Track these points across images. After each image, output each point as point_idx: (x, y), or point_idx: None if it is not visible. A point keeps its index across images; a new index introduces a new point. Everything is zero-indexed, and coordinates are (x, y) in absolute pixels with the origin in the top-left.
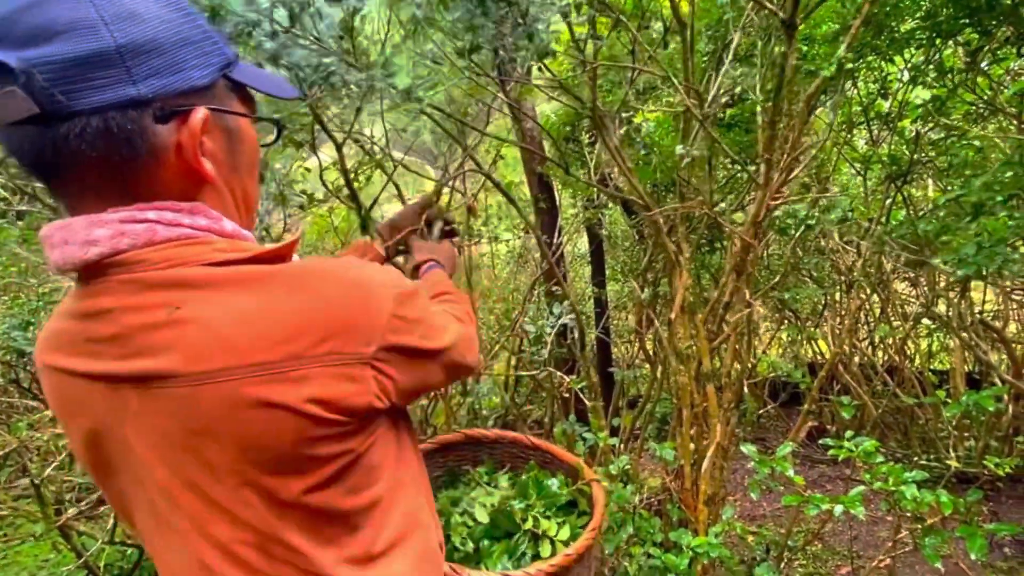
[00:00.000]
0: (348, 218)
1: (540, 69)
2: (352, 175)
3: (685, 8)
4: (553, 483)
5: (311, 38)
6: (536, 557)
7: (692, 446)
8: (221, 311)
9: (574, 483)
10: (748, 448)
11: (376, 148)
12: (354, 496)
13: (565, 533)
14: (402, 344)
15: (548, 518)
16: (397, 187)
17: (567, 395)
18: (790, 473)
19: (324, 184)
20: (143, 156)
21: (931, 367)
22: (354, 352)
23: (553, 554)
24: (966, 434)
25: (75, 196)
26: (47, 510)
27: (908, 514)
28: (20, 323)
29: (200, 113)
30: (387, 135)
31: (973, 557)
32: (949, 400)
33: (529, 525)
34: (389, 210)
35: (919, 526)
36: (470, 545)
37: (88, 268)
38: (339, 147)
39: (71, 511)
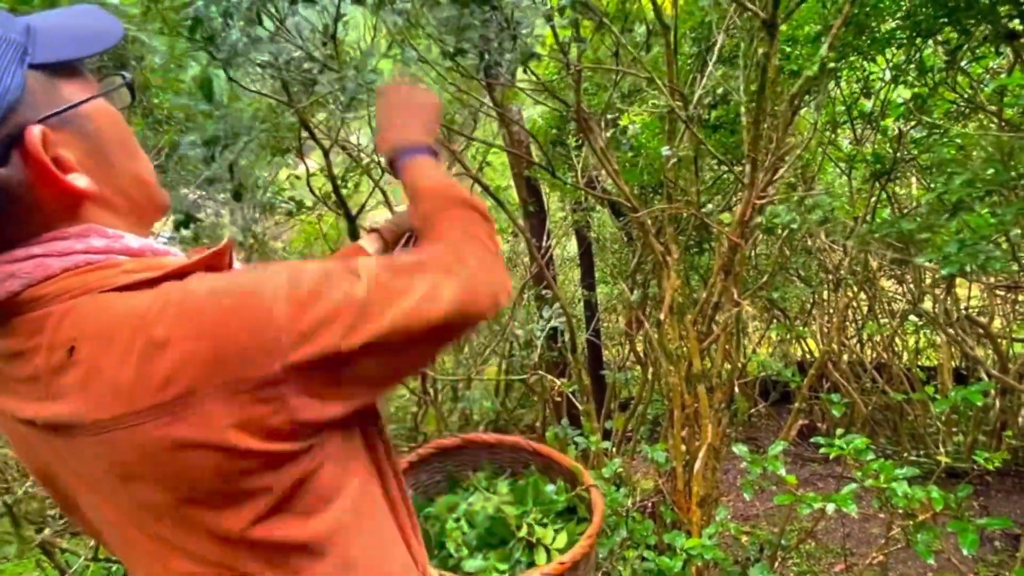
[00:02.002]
0: (336, 225)
1: (525, 72)
2: (340, 182)
3: (669, 11)
4: (551, 489)
5: (296, 44)
6: (531, 565)
7: (684, 447)
8: (110, 351)
9: (573, 488)
10: (740, 448)
11: (363, 155)
12: (309, 522)
13: (562, 540)
14: (316, 355)
15: (545, 525)
16: (384, 194)
17: (559, 399)
18: (782, 472)
19: (312, 191)
20: (11, 207)
21: (919, 364)
22: (255, 377)
23: (548, 562)
24: (954, 429)
25: None
26: (20, 531)
27: (900, 510)
28: None
29: (34, 132)
30: (374, 142)
31: (965, 552)
32: (937, 396)
33: (523, 533)
34: (377, 216)
35: (911, 522)
36: (464, 551)
37: None
38: (326, 153)
39: (47, 532)
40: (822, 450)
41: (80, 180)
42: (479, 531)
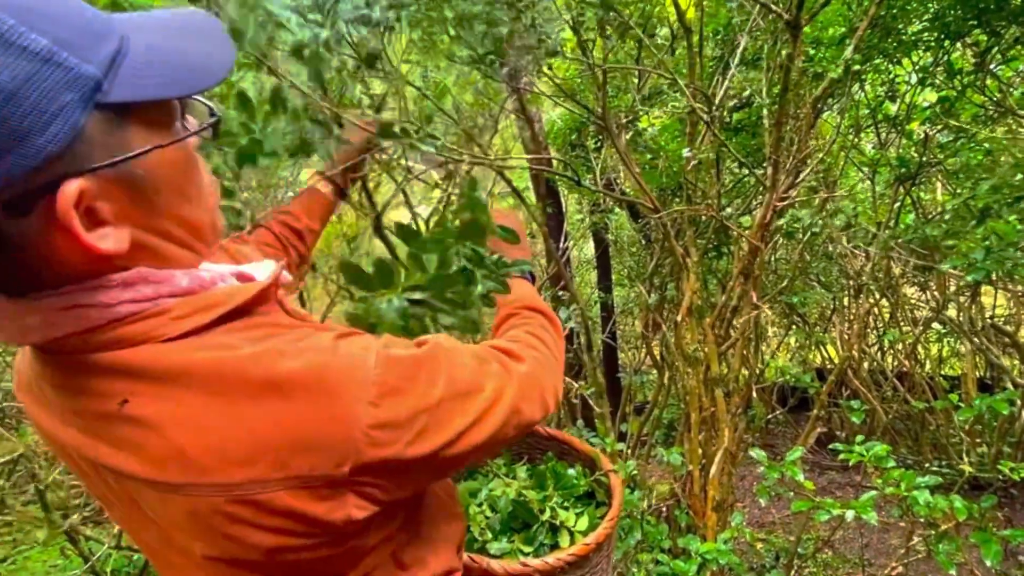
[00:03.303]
0: (356, 224)
1: (549, 70)
2: (361, 183)
3: (692, 14)
4: (571, 473)
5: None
6: (555, 547)
7: (700, 451)
8: (174, 415)
9: (592, 474)
10: (757, 452)
11: (385, 155)
12: (357, 561)
13: (584, 523)
14: (385, 458)
15: (567, 508)
16: (405, 194)
17: (574, 400)
18: (800, 477)
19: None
20: (19, 253)
21: (942, 373)
22: (322, 475)
23: (572, 544)
24: (978, 440)
25: None
26: (51, 515)
27: (921, 520)
28: None
29: (71, 187)
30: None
31: (988, 564)
32: (961, 404)
33: (547, 516)
34: (397, 217)
35: (932, 532)
36: (488, 535)
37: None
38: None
39: (75, 516)
40: (841, 456)
41: (106, 242)
42: (502, 515)
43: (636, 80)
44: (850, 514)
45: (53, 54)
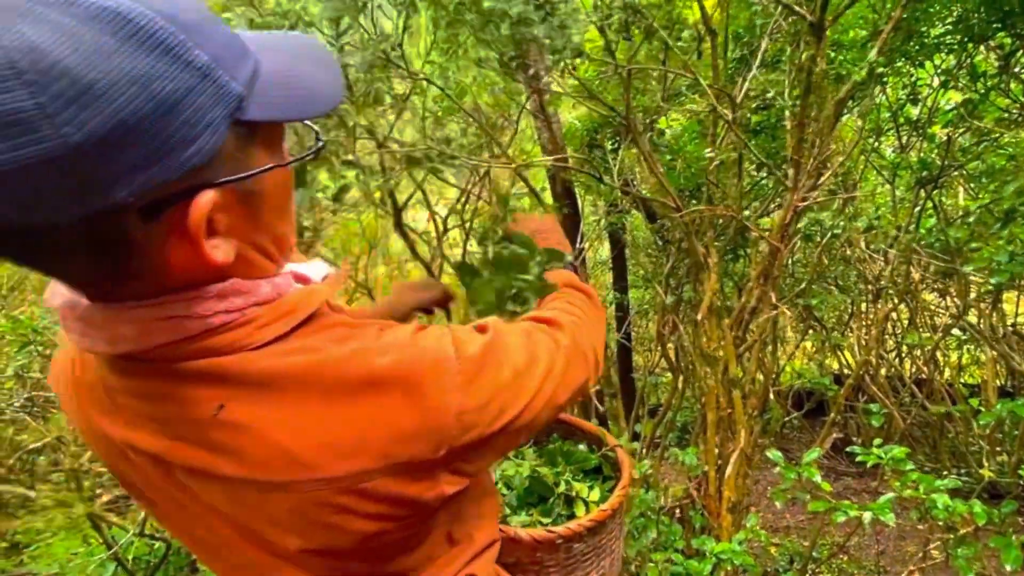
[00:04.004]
0: (374, 223)
1: (571, 71)
2: (384, 179)
3: (717, 16)
4: (581, 447)
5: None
6: (571, 517)
7: (716, 451)
8: (271, 416)
9: (598, 450)
10: (774, 453)
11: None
12: (423, 540)
13: (596, 495)
14: (475, 439)
15: (579, 481)
16: (424, 193)
17: (587, 400)
18: (817, 478)
19: (360, 188)
20: (136, 258)
21: (962, 381)
22: (421, 460)
23: (588, 513)
24: (998, 448)
25: (68, 284)
26: (83, 494)
27: (940, 523)
28: None
29: (205, 198)
30: (425, 140)
31: (1008, 569)
32: (982, 409)
33: (562, 488)
34: (416, 217)
35: (951, 536)
36: (507, 511)
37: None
38: (380, 145)
39: (105, 497)
40: (859, 458)
41: (218, 252)
42: (518, 491)
43: (658, 81)
44: (867, 516)
45: (211, 70)
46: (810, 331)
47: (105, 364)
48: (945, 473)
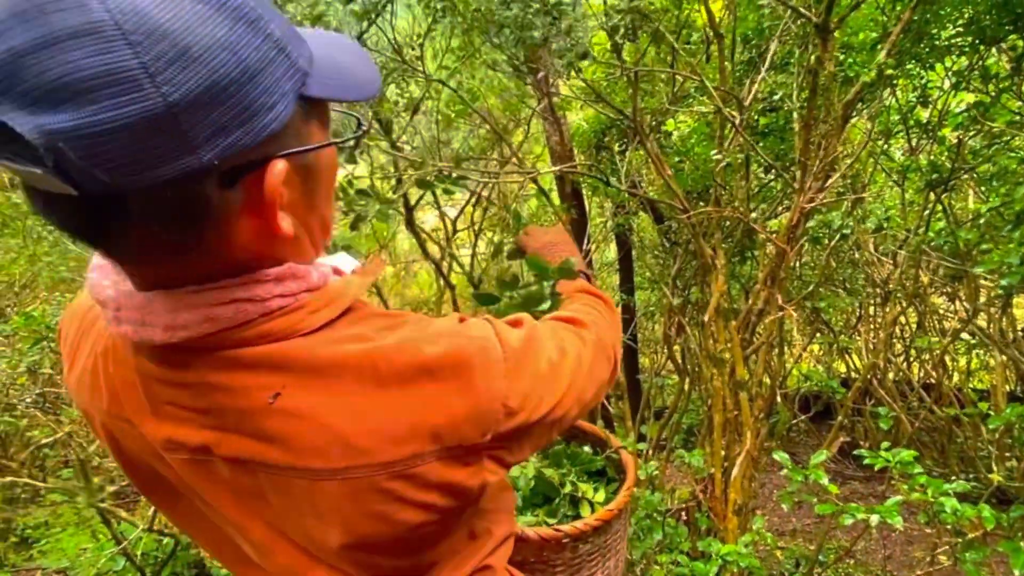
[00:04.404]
0: (381, 224)
1: (577, 73)
2: (394, 182)
3: (725, 19)
4: (586, 449)
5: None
6: (577, 518)
7: (723, 453)
8: (328, 403)
9: (602, 453)
10: (781, 455)
11: (417, 157)
12: (448, 536)
13: (601, 496)
14: (518, 425)
15: (584, 482)
16: (435, 195)
17: None
18: (824, 481)
19: (373, 190)
20: (210, 225)
21: (971, 385)
22: (468, 445)
23: (593, 514)
24: (1007, 454)
25: (130, 264)
26: (90, 486)
27: (948, 527)
28: None
29: (278, 167)
30: (437, 141)
31: (1017, 573)
32: (991, 413)
33: (568, 489)
34: (424, 218)
35: (959, 540)
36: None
37: (168, 344)
38: (393, 144)
39: (111, 488)
40: (867, 461)
41: (285, 222)
42: (524, 492)
43: (667, 84)
44: (875, 519)
45: (284, 45)
46: (817, 334)
47: (150, 358)
48: (953, 478)
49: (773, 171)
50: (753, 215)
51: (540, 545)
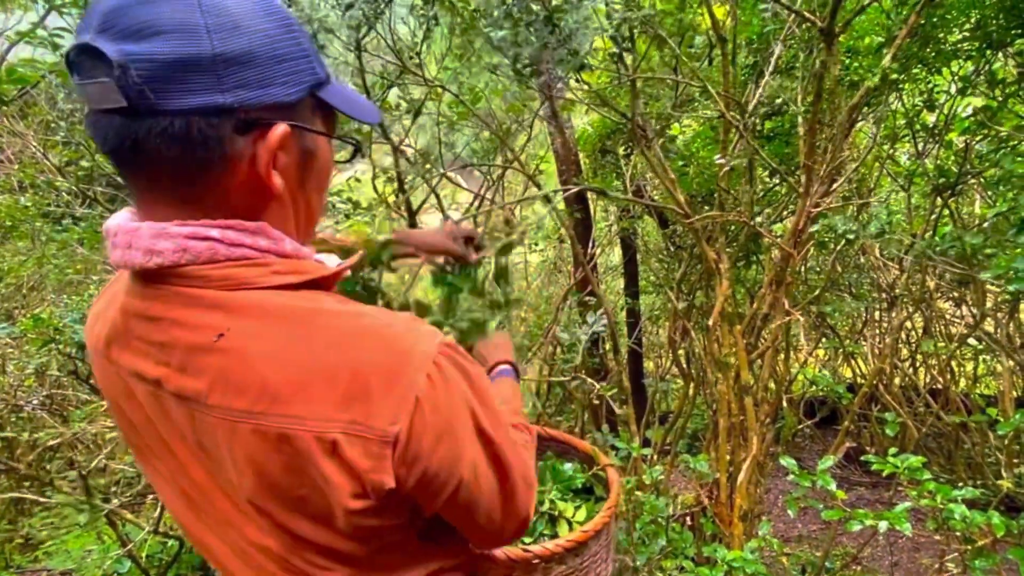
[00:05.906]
0: (385, 226)
1: (578, 81)
2: (398, 183)
3: (728, 23)
4: (568, 467)
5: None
6: (554, 537)
7: (728, 458)
8: (260, 347)
9: (589, 470)
10: (787, 460)
11: (420, 159)
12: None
13: (582, 515)
14: (418, 449)
15: (565, 501)
16: (438, 197)
17: (597, 401)
18: (832, 486)
19: (376, 191)
20: (217, 163)
21: (978, 391)
22: (379, 429)
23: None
24: (1015, 460)
25: (144, 191)
26: (92, 500)
27: (957, 534)
28: (81, 317)
29: (280, 128)
30: (439, 146)
31: None
32: (999, 419)
33: (546, 507)
34: (428, 221)
35: (967, 548)
36: None
37: (146, 272)
38: (396, 148)
39: (115, 502)
40: (874, 467)
41: (278, 180)
42: None
43: (670, 88)
44: (883, 525)
45: (308, 53)
46: (823, 339)
47: (131, 292)
48: (961, 484)
49: (778, 175)
50: (759, 219)
51: (508, 566)
